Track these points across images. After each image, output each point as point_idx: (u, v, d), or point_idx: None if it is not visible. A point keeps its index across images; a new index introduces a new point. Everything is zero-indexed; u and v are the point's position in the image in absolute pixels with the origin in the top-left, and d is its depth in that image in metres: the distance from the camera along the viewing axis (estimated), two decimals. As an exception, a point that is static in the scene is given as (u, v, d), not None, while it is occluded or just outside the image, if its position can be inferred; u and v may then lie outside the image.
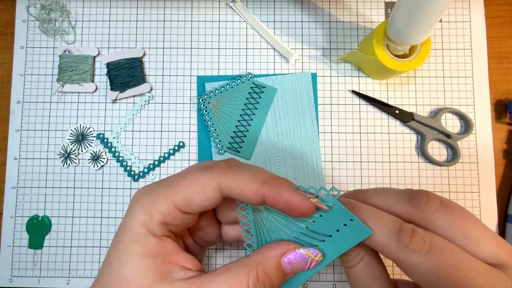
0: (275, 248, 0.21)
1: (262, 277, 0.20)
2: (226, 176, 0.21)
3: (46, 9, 0.40)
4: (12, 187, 0.39)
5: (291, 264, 0.21)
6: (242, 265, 0.21)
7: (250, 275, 0.20)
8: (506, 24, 0.40)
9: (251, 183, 0.21)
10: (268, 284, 0.21)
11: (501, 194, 0.38)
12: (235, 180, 0.21)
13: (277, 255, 0.21)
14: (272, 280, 0.21)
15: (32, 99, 0.40)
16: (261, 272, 0.20)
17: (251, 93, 0.39)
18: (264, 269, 0.21)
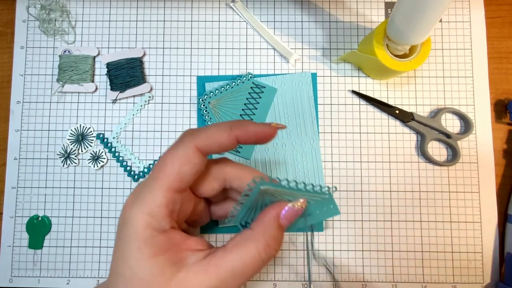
0: (272, 212, 0.24)
1: (271, 242, 0.23)
2: (199, 137, 0.23)
3: (46, 9, 0.40)
4: (12, 187, 0.39)
5: (286, 219, 0.24)
6: (250, 239, 0.22)
7: (260, 245, 0.22)
8: (506, 24, 0.40)
9: (222, 133, 0.23)
10: (277, 245, 0.23)
11: (501, 194, 0.38)
12: (208, 137, 0.23)
13: (276, 217, 0.24)
14: (279, 240, 0.23)
15: (32, 99, 0.40)
16: (269, 239, 0.23)
17: (251, 93, 0.39)
18: (270, 235, 0.23)
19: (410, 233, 0.38)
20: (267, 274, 0.37)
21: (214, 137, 0.23)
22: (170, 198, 0.22)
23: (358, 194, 0.38)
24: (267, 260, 0.23)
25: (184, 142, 0.23)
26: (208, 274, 0.21)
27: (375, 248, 0.38)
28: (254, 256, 0.22)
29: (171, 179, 0.22)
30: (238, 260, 0.22)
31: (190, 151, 0.22)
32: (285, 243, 0.38)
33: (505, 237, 0.37)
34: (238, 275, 0.22)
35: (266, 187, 0.23)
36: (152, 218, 0.22)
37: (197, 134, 0.23)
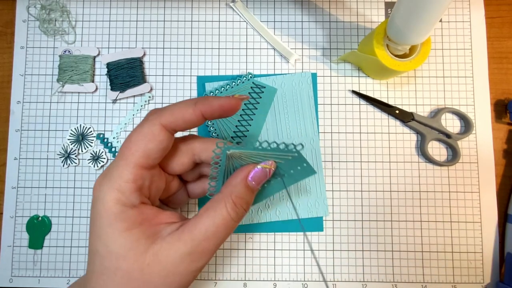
0: (240, 174, 0.24)
1: (238, 201, 0.23)
2: (163, 115, 0.23)
3: (46, 9, 0.40)
4: (12, 187, 0.39)
5: (255, 180, 0.24)
6: (218, 200, 0.23)
7: (228, 205, 0.23)
8: (506, 24, 0.40)
9: (186, 109, 0.23)
10: (245, 204, 0.24)
11: (501, 194, 0.38)
12: (172, 113, 0.23)
13: (243, 178, 0.24)
14: (246, 200, 0.24)
15: (32, 99, 0.40)
16: (235, 198, 0.23)
17: (251, 93, 0.39)
18: (237, 194, 0.24)
19: (410, 233, 0.38)
20: (267, 274, 0.37)
21: (178, 114, 0.23)
22: (137, 174, 0.22)
23: (358, 194, 0.38)
24: (237, 219, 0.24)
25: (149, 120, 0.23)
26: (182, 241, 0.22)
27: (375, 248, 0.38)
28: (223, 216, 0.23)
29: (137, 156, 0.22)
30: (209, 222, 0.22)
31: (155, 128, 0.23)
32: (285, 243, 0.38)
33: (505, 237, 0.37)
34: (210, 236, 0.22)
35: (232, 151, 0.24)
36: (121, 193, 0.22)
37: (162, 112, 0.23)
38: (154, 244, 0.22)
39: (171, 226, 0.23)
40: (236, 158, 0.25)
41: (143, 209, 0.23)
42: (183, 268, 0.22)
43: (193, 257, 0.22)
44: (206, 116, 0.24)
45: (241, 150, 0.24)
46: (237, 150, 0.24)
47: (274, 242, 0.38)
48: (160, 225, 0.23)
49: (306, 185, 0.38)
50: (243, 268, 0.38)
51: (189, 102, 0.24)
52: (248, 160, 0.25)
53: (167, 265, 0.22)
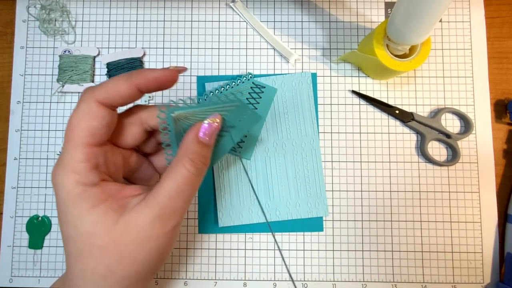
0: (190, 133, 0.25)
1: (194, 157, 0.24)
2: (97, 92, 0.23)
3: (46, 9, 0.40)
4: (12, 187, 0.39)
5: (205, 135, 0.25)
6: (176, 162, 0.24)
7: (185, 163, 0.23)
8: (506, 24, 0.40)
9: (120, 83, 0.23)
10: (202, 158, 0.24)
11: (501, 194, 0.38)
12: (106, 89, 0.23)
13: (194, 136, 0.24)
14: (203, 154, 0.24)
15: (32, 99, 0.40)
16: (191, 155, 0.24)
17: (251, 93, 0.39)
18: (192, 151, 0.24)
19: (410, 233, 0.38)
20: (267, 274, 0.37)
21: (112, 89, 0.23)
22: (88, 153, 0.22)
23: (358, 194, 0.38)
24: (199, 174, 0.24)
25: (84, 99, 0.23)
26: (149, 207, 0.22)
27: (375, 248, 0.38)
28: (183, 175, 0.23)
29: (83, 135, 0.22)
30: (171, 184, 0.23)
31: (91, 105, 0.23)
32: (285, 243, 0.38)
33: (505, 237, 0.37)
34: (175, 196, 0.23)
35: (177, 113, 0.25)
36: (78, 174, 0.22)
37: (95, 89, 0.23)
38: (123, 215, 0.22)
39: (137, 198, 0.23)
40: (183, 120, 0.25)
41: (105, 186, 0.23)
42: (156, 232, 0.22)
43: (163, 219, 0.22)
44: (141, 89, 0.24)
45: (185, 110, 0.25)
46: (181, 111, 0.25)
47: (274, 242, 0.38)
48: (126, 199, 0.23)
49: (306, 185, 0.38)
50: (243, 268, 0.38)
51: (123, 77, 0.23)
52: (195, 119, 0.25)
53: (139, 231, 0.22)
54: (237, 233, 0.38)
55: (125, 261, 0.22)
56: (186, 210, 0.24)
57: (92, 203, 0.22)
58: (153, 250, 0.23)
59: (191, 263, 0.38)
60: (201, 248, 0.38)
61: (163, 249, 0.23)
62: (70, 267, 0.23)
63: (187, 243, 0.38)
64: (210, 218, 0.38)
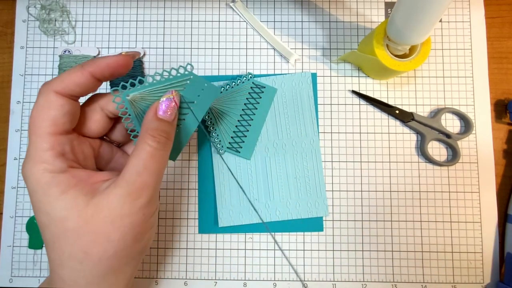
0: (149, 112, 0.25)
1: (154, 133, 0.24)
2: (53, 83, 0.23)
3: (46, 9, 0.40)
4: (12, 187, 0.39)
5: (164, 112, 0.25)
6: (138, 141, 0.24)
7: (147, 139, 0.24)
8: (506, 24, 0.40)
9: (73, 74, 0.23)
10: (163, 133, 0.24)
11: (501, 194, 0.38)
12: (62, 80, 0.23)
13: (153, 113, 0.25)
14: (164, 129, 0.25)
15: (32, 99, 0.40)
16: (151, 131, 0.24)
17: (251, 93, 0.39)
18: (152, 127, 0.24)
19: (410, 233, 0.38)
20: (267, 274, 0.37)
21: (67, 79, 0.23)
22: (52, 141, 0.23)
23: (358, 194, 0.38)
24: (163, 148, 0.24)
25: (42, 92, 0.23)
26: (118, 186, 0.22)
27: (375, 248, 0.38)
28: (146, 150, 0.23)
29: (45, 125, 0.23)
30: (136, 161, 0.23)
31: (50, 96, 0.23)
32: (285, 243, 0.38)
33: (505, 237, 0.37)
34: (142, 171, 0.23)
35: (132, 95, 0.25)
36: (45, 163, 0.22)
37: (52, 81, 0.23)
38: (94, 198, 0.22)
39: (108, 182, 0.24)
40: (140, 101, 0.26)
41: (74, 172, 0.23)
42: (128, 209, 0.22)
43: (133, 195, 0.22)
44: (96, 76, 0.24)
45: (139, 91, 0.25)
46: (136, 92, 0.25)
47: (274, 242, 0.38)
48: (96, 184, 0.24)
49: (306, 185, 0.38)
50: (243, 268, 0.38)
51: (78, 66, 0.24)
52: (152, 98, 0.26)
53: (110, 211, 0.22)
54: (237, 233, 0.38)
55: (99, 241, 0.22)
56: (158, 186, 0.25)
57: (62, 189, 0.22)
58: (128, 228, 0.23)
59: (191, 263, 0.38)
60: (201, 248, 0.38)
61: (139, 228, 0.23)
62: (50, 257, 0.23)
63: (187, 243, 0.38)
64: (210, 218, 0.38)
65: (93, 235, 0.22)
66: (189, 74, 0.26)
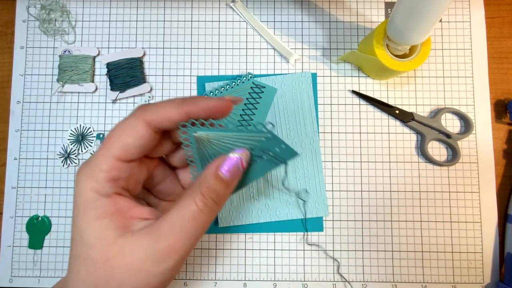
0: (211, 165, 0.23)
1: (207, 193, 0.22)
2: (148, 111, 0.23)
3: (46, 9, 0.40)
4: (12, 187, 0.39)
5: (228, 171, 0.23)
6: (187, 193, 0.22)
7: (196, 197, 0.22)
8: (506, 24, 0.40)
9: (171, 108, 0.23)
10: (215, 196, 0.22)
11: (501, 194, 0.38)
12: (157, 111, 0.22)
13: (214, 169, 0.23)
14: (218, 191, 0.23)
15: (32, 99, 0.40)
16: (205, 189, 0.22)
17: (251, 93, 0.39)
18: (207, 185, 0.22)
19: (410, 233, 0.38)
20: (267, 274, 0.37)
21: (163, 112, 0.23)
22: (113, 165, 0.22)
23: (358, 194, 0.38)
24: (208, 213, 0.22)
25: (134, 114, 0.23)
26: (149, 237, 0.21)
27: (375, 248, 0.38)
28: (190, 208, 0.22)
29: (115, 148, 0.22)
30: (177, 216, 0.21)
31: (137, 122, 0.22)
32: (285, 243, 0.38)
33: (505, 237, 0.37)
34: (177, 232, 0.21)
35: (199, 133, 0.23)
36: (96, 182, 0.22)
37: (148, 108, 0.23)
38: (123, 237, 0.21)
39: (144, 222, 0.22)
40: (206, 142, 0.24)
41: (117, 199, 0.23)
42: (147, 267, 0.21)
43: (158, 255, 0.21)
44: (191, 117, 0.23)
45: (207, 132, 0.23)
46: (203, 132, 0.23)
47: (274, 242, 0.38)
48: (132, 219, 0.23)
49: (306, 185, 0.38)
50: (243, 268, 0.38)
51: (175, 102, 0.23)
52: (218, 143, 0.24)
53: (131, 260, 0.21)
54: (237, 233, 0.38)
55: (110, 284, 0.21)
56: (188, 253, 0.22)
57: (99, 213, 0.22)
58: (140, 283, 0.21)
59: (191, 263, 0.38)
60: (201, 248, 0.38)
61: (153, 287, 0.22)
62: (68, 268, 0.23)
63: (187, 243, 0.38)
64: (210, 218, 0.38)
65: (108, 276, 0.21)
66: (267, 132, 0.23)
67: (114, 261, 0.21)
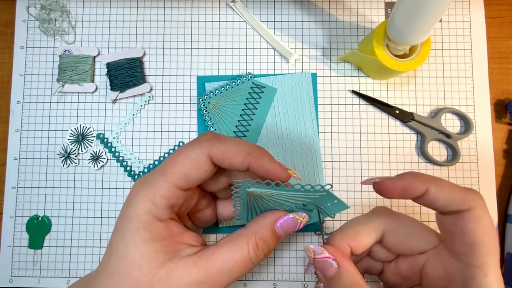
0: (269, 216, 0.24)
1: (260, 244, 0.23)
2: (215, 149, 0.23)
3: (46, 9, 0.40)
4: (12, 187, 0.39)
5: (283, 228, 0.24)
6: (242, 236, 0.23)
7: (250, 243, 0.23)
8: (506, 24, 0.40)
9: (238, 155, 0.23)
10: (266, 249, 0.23)
11: (501, 194, 0.38)
12: (224, 152, 0.23)
13: (271, 222, 0.24)
14: (269, 245, 0.24)
15: (32, 99, 0.40)
16: (259, 240, 0.23)
17: (251, 93, 0.39)
18: (261, 236, 0.23)
19: (410, 233, 0.38)
20: (267, 274, 0.37)
21: (229, 155, 0.23)
22: (173, 193, 0.23)
23: (358, 194, 0.38)
24: (256, 262, 0.23)
25: (200, 146, 0.23)
26: (196, 266, 0.22)
27: (375, 248, 0.38)
28: (243, 254, 0.23)
29: (178, 177, 0.23)
30: (228, 256, 0.22)
31: (202, 157, 0.23)
32: (285, 243, 0.38)
33: (505, 237, 0.37)
34: (226, 271, 0.22)
35: (253, 189, 0.23)
36: (154, 206, 0.22)
37: (215, 144, 0.23)
38: (170, 261, 0.22)
39: (191, 249, 0.23)
40: (257, 197, 0.24)
41: (170, 224, 0.23)
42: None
43: (202, 286, 0.22)
44: (250, 169, 0.24)
45: (261, 189, 0.23)
46: (257, 189, 0.23)
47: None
48: (181, 244, 0.23)
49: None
50: (243, 268, 0.38)
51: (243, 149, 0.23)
52: (269, 199, 0.24)
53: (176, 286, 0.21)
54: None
55: None
56: None
57: (152, 236, 0.22)
58: None
59: (191, 263, 0.38)
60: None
61: None
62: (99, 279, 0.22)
63: (187, 243, 0.38)
64: (210, 218, 0.38)
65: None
66: (324, 191, 0.23)
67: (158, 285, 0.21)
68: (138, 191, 0.23)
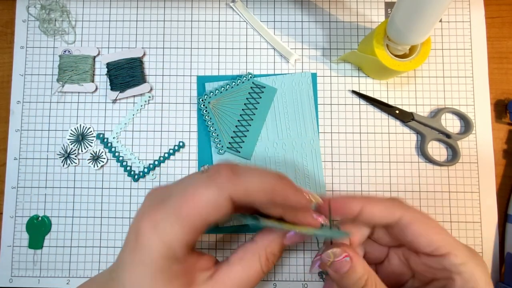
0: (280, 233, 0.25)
1: (271, 258, 0.24)
2: (236, 189, 0.22)
3: (46, 9, 0.40)
4: (12, 187, 0.39)
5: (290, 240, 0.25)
6: (252, 251, 0.24)
7: (261, 259, 0.24)
8: (506, 24, 0.40)
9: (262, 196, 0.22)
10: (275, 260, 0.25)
11: (501, 194, 0.38)
12: (246, 193, 0.22)
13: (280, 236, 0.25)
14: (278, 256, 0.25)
15: (32, 99, 0.40)
16: (269, 254, 0.24)
17: (251, 93, 0.39)
18: (272, 250, 0.24)
19: (410, 233, 0.38)
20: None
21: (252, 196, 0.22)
22: (190, 235, 0.22)
23: (358, 194, 0.38)
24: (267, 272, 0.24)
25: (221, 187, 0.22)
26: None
27: (375, 248, 0.38)
28: (256, 269, 0.23)
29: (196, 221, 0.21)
30: (243, 274, 0.23)
31: (222, 199, 0.22)
32: (285, 243, 0.38)
33: (505, 237, 0.37)
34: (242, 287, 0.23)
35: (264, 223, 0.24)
36: (169, 249, 0.21)
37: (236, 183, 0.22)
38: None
39: (206, 273, 0.23)
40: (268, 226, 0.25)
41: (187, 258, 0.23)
42: None
43: None
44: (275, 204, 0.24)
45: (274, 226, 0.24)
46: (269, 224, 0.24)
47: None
48: (197, 272, 0.23)
49: (306, 185, 0.38)
50: (243, 268, 0.38)
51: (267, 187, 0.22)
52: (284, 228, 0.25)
53: None
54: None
55: None
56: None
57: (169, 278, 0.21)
58: None
59: (191, 263, 0.38)
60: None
61: None
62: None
63: (187, 243, 0.38)
64: (210, 218, 0.38)
65: None
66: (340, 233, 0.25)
67: None
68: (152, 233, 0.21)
